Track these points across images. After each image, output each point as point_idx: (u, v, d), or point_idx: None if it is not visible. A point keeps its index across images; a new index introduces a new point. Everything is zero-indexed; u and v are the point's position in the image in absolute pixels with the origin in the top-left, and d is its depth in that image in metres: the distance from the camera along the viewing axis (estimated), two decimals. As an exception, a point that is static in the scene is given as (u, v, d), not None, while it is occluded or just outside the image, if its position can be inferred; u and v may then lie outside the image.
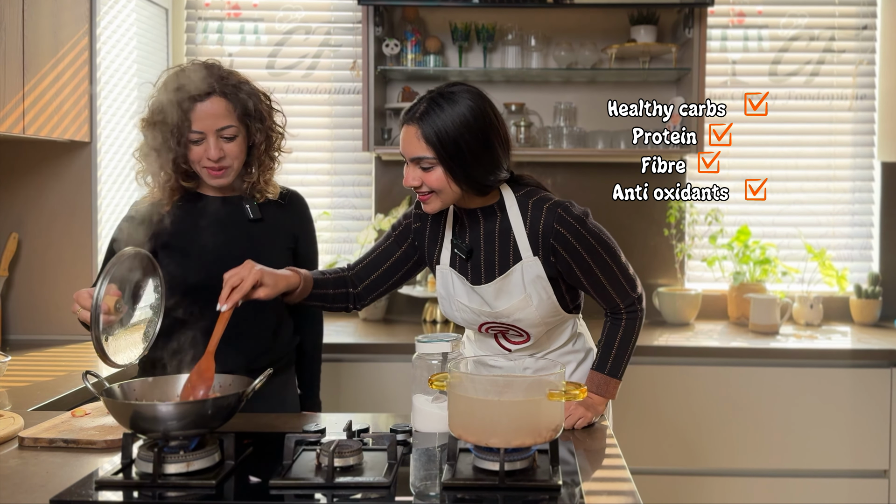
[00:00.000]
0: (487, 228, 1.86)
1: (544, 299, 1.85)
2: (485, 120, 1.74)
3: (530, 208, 1.82)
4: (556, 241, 1.80)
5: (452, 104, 1.72)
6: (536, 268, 1.83)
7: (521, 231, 1.82)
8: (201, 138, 1.90)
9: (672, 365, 3.05)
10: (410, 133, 1.74)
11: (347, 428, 1.66)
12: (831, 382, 3.03)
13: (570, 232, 1.79)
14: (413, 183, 1.77)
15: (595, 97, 3.57)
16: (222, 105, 1.91)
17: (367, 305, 2.05)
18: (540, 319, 1.88)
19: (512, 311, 1.86)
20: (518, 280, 1.84)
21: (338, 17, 3.65)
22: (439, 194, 1.77)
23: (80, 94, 2.85)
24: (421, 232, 1.97)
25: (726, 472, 3.07)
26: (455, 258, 1.91)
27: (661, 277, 3.64)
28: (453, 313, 1.95)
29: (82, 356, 2.73)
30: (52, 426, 1.76)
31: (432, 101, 1.73)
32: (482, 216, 1.86)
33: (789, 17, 3.62)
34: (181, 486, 1.43)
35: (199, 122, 1.88)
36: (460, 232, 1.90)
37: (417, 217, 1.97)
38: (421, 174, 1.76)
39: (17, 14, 2.48)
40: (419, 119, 1.73)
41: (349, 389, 3.06)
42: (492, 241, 1.85)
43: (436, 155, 1.72)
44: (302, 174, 3.68)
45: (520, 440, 1.43)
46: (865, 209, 3.64)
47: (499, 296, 1.86)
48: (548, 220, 1.79)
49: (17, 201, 2.97)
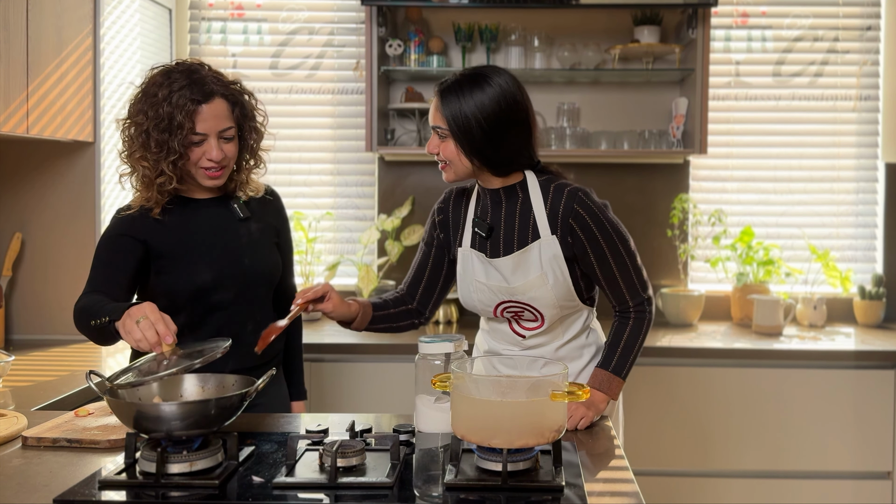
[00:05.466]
0: (509, 208, 1.93)
1: (560, 280, 1.89)
2: (504, 104, 1.82)
3: (552, 190, 1.89)
4: (574, 221, 1.86)
5: (475, 87, 1.82)
6: (554, 247, 1.88)
7: (541, 211, 1.89)
8: (203, 140, 1.88)
9: (675, 366, 3.05)
10: (434, 103, 1.87)
11: (350, 428, 1.66)
12: (835, 384, 3.02)
13: (589, 215, 1.86)
14: (432, 150, 1.89)
15: (598, 98, 3.57)
16: (224, 106, 1.90)
17: (431, 316, 2.15)
18: (555, 301, 1.91)
19: (528, 287, 1.89)
20: (535, 258, 1.88)
21: (341, 17, 3.65)
22: (451, 165, 1.88)
23: (83, 94, 2.85)
24: (445, 223, 2.06)
25: (729, 474, 3.06)
26: (475, 237, 1.97)
27: (665, 278, 3.63)
28: (470, 295, 1.99)
29: (85, 356, 2.73)
30: (56, 426, 1.76)
31: (459, 77, 1.86)
32: (504, 196, 1.93)
33: (793, 18, 3.62)
34: (184, 485, 1.43)
35: (203, 123, 1.86)
36: (482, 214, 1.97)
37: (440, 210, 2.07)
38: (438, 142, 1.88)
39: (21, 14, 2.49)
40: (441, 91, 1.86)
41: (352, 390, 3.07)
42: (512, 219, 1.92)
43: (447, 127, 1.84)
44: (305, 174, 3.68)
45: (523, 441, 1.43)
46: (869, 210, 3.63)
47: (516, 271, 1.90)
48: (568, 201, 1.87)
49: (20, 201, 2.97)
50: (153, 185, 1.89)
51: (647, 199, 3.59)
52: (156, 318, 1.63)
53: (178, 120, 1.83)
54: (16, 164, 2.97)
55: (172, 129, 1.83)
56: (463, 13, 3.54)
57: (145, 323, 1.62)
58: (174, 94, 1.84)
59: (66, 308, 2.95)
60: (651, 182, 3.61)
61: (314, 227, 3.62)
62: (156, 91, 1.86)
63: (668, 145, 3.44)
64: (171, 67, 1.90)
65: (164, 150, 1.85)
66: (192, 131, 1.85)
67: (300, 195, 3.67)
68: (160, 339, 1.62)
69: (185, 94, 1.84)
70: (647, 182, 3.61)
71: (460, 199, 2.04)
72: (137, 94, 1.90)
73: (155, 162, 1.86)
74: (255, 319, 2.03)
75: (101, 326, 1.73)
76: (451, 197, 2.06)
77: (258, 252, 2.02)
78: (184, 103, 1.83)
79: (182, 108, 1.83)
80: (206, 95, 1.87)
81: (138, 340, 1.62)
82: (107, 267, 1.90)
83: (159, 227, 1.94)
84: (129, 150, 1.90)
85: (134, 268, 1.91)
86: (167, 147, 1.84)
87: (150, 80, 1.90)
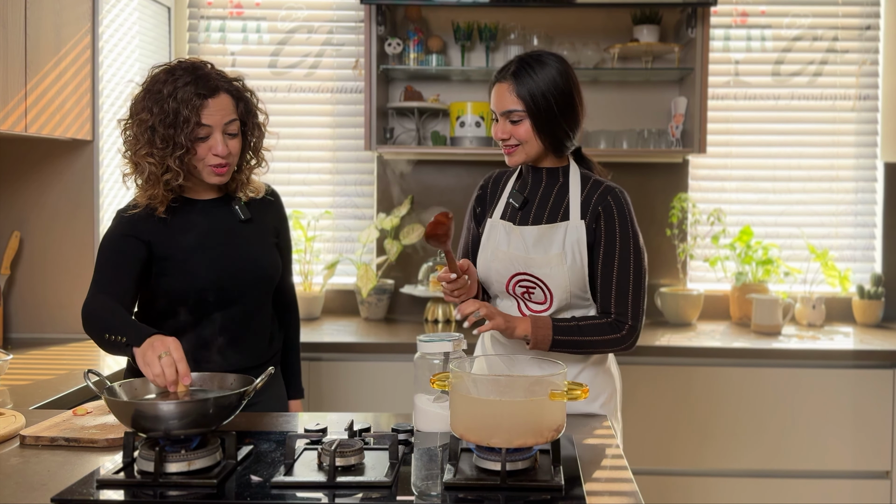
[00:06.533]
0: (547, 187, 2.01)
1: (577, 265, 1.93)
2: (569, 82, 1.94)
3: (591, 182, 1.99)
4: (602, 209, 1.94)
5: (542, 66, 1.92)
6: (580, 231, 1.94)
7: (576, 195, 1.97)
8: (208, 134, 1.88)
9: (674, 365, 3.05)
10: (503, 89, 1.94)
11: (349, 427, 1.66)
12: (834, 383, 3.02)
13: (618, 209, 1.94)
14: (502, 136, 1.95)
15: (597, 97, 3.56)
16: (228, 101, 1.91)
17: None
18: (567, 284, 1.93)
19: (545, 263, 1.93)
20: (560, 236, 1.94)
21: (340, 15, 3.65)
22: (524, 146, 1.95)
23: (82, 92, 2.85)
24: (483, 198, 2.14)
25: (728, 473, 3.06)
26: (508, 209, 2.04)
27: (664, 277, 3.63)
28: (488, 264, 2.01)
29: (84, 355, 2.73)
30: (54, 425, 1.76)
31: (523, 62, 1.94)
32: (546, 176, 2.02)
33: (792, 17, 3.62)
34: (182, 485, 1.42)
35: (208, 117, 1.86)
36: (521, 188, 2.05)
37: (482, 187, 2.15)
38: (511, 128, 1.94)
39: (19, 12, 2.48)
40: (512, 76, 1.93)
41: (351, 389, 3.06)
42: (547, 197, 2.00)
43: (525, 108, 1.91)
44: (304, 173, 3.67)
45: (521, 440, 1.43)
46: (868, 210, 3.63)
47: (538, 243, 1.95)
48: (603, 192, 1.96)
49: (19, 200, 2.97)
50: (159, 182, 1.88)
51: (646, 198, 3.59)
52: (179, 357, 1.62)
53: (183, 114, 1.83)
54: (14, 162, 2.96)
55: (178, 123, 1.83)
56: (462, 12, 3.54)
57: (167, 360, 1.60)
58: (179, 90, 1.84)
59: (64, 307, 2.96)
60: (650, 181, 3.61)
61: (313, 225, 3.62)
62: (160, 87, 1.86)
63: (667, 144, 3.44)
64: (175, 65, 1.90)
65: (170, 146, 1.84)
66: (198, 125, 1.85)
67: (299, 194, 3.67)
68: (178, 378, 1.61)
69: (191, 90, 1.84)
70: (646, 181, 3.61)
71: (500, 179, 2.13)
72: (140, 93, 1.90)
73: (161, 158, 1.86)
74: (255, 320, 2.04)
75: (115, 343, 1.72)
76: (493, 177, 2.15)
77: (259, 253, 2.02)
78: (189, 98, 1.84)
79: (188, 103, 1.83)
80: (211, 90, 1.87)
81: (156, 375, 1.60)
82: (112, 268, 1.89)
83: (162, 228, 1.94)
84: (134, 148, 1.89)
85: (139, 269, 1.91)
86: (173, 142, 1.84)
87: (153, 78, 1.90)
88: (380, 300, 3.51)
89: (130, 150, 1.90)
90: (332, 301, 3.67)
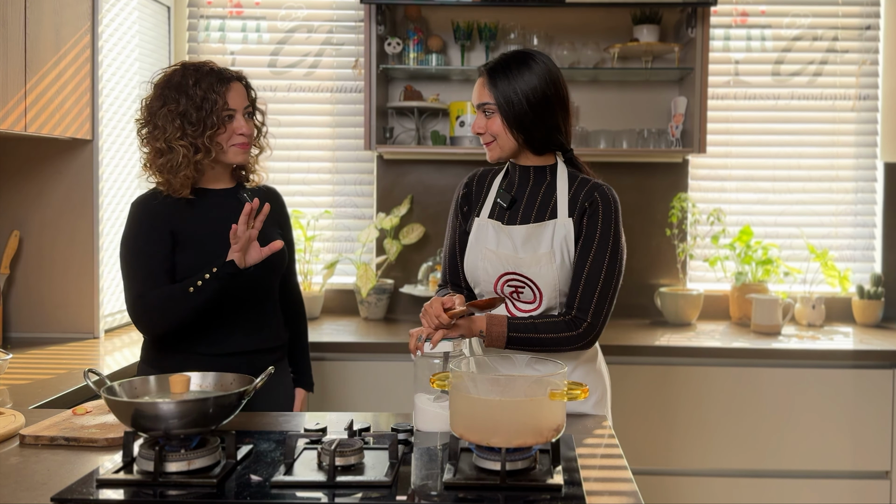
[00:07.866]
0: (534, 186, 2.01)
1: (566, 263, 1.93)
2: (548, 83, 1.93)
3: (579, 180, 1.99)
4: (589, 204, 1.93)
5: (520, 63, 1.93)
6: (568, 228, 1.94)
7: (563, 193, 1.97)
8: (232, 115, 2.04)
9: (674, 365, 3.05)
10: (480, 83, 1.96)
11: (349, 427, 1.66)
12: (833, 383, 3.02)
13: (603, 204, 1.93)
14: (478, 130, 1.97)
15: (597, 97, 3.56)
16: (242, 88, 2.10)
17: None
18: (556, 282, 1.93)
19: (534, 262, 1.92)
20: (548, 235, 1.94)
21: (340, 15, 3.65)
22: (498, 140, 1.96)
23: (82, 91, 2.85)
24: (468, 196, 2.12)
25: (728, 473, 3.06)
26: (495, 208, 2.03)
27: (663, 277, 3.63)
28: (476, 264, 2.00)
29: (83, 354, 2.73)
30: (53, 424, 1.76)
31: (503, 58, 1.96)
32: (533, 174, 2.02)
33: (792, 17, 3.62)
34: (182, 484, 1.42)
35: (232, 100, 2.04)
36: (508, 187, 2.05)
37: (466, 185, 2.13)
38: (484, 121, 1.95)
39: (19, 12, 2.48)
40: (488, 70, 1.95)
41: (351, 388, 3.06)
42: (535, 196, 2.00)
43: (495, 101, 1.92)
44: (304, 173, 3.67)
45: (521, 440, 1.43)
46: (868, 210, 3.63)
47: (526, 243, 1.95)
48: (591, 188, 1.96)
49: (18, 199, 2.97)
50: (191, 163, 2.01)
51: (645, 198, 3.59)
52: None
53: (211, 98, 2.01)
54: (14, 161, 2.96)
55: (207, 106, 2.00)
56: (462, 11, 3.54)
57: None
58: (202, 80, 2.02)
59: (64, 306, 2.96)
60: (650, 181, 3.61)
61: (313, 225, 3.62)
62: (180, 80, 2.02)
63: (667, 144, 3.44)
64: (185, 63, 2.07)
65: (200, 127, 2.00)
66: (224, 107, 2.02)
67: (299, 193, 3.67)
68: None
69: (213, 77, 2.03)
70: (645, 181, 3.61)
71: (485, 177, 2.12)
72: (157, 90, 2.05)
73: (193, 139, 2.00)
74: (263, 307, 2.14)
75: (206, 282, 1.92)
76: (478, 175, 2.14)
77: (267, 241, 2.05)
78: (213, 83, 2.02)
79: (212, 88, 2.02)
80: (228, 79, 2.06)
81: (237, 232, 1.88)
82: (150, 258, 2.01)
83: (183, 214, 2.06)
84: (164, 136, 2.01)
85: (170, 256, 2.02)
86: (204, 123, 2.00)
87: (169, 74, 2.05)
88: (379, 300, 3.51)
89: (161, 137, 2.02)
90: (332, 301, 3.67)
